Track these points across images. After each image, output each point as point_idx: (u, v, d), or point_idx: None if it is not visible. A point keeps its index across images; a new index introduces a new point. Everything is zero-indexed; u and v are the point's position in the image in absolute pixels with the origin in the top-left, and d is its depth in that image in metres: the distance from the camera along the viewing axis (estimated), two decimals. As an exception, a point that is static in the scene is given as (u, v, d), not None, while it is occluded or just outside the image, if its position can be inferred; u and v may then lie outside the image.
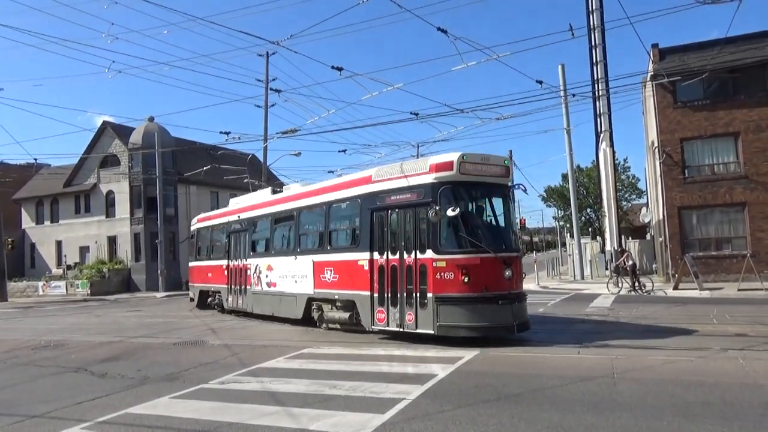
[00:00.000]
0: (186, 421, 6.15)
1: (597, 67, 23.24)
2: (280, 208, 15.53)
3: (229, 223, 18.45)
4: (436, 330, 10.23)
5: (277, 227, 15.82)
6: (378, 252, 11.44)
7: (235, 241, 17.82)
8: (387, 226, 11.39)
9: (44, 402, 7.41)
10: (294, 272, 14.11)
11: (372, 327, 11.41)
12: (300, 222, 14.44)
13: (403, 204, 11.12)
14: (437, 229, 10.46)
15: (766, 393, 6.40)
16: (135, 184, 36.39)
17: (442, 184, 10.58)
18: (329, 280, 12.78)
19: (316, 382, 7.78)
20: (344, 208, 13.01)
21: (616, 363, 8.28)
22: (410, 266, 10.76)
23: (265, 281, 15.50)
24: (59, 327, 17.27)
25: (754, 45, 23.79)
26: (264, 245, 16.38)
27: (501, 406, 6.26)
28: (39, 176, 42.80)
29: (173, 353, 11.25)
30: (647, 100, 28.02)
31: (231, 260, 17.91)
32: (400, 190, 11.19)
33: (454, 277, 10.18)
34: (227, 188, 38.79)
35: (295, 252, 14.25)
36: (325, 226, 13.25)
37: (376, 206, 11.59)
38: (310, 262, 13.44)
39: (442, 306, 10.23)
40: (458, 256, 10.30)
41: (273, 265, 15.23)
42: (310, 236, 14.52)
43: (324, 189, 13.77)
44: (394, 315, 10.96)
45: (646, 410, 5.89)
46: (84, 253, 40.53)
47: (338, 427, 5.70)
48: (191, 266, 22.18)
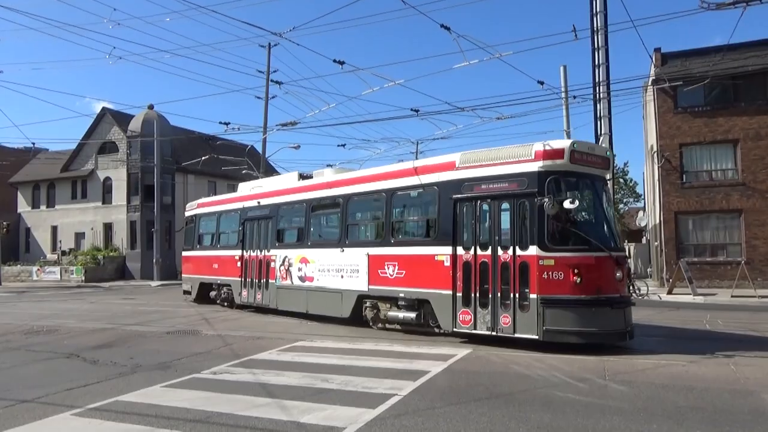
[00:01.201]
0: (177, 410, 6.15)
1: (599, 69, 23.23)
2: (319, 194, 14.00)
3: (244, 210, 16.71)
4: (541, 335, 9.21)
5: (316, 215, 14.38)
6: (463, 246, 10.33)
7: (253, 230, 16.20)
8: (475, 217, 10.26)
9: (35, 387, 7.40)
10: (340, 266, 12.83)
11: (454, 329, 10.30)
12: (348, 210, 13.04)
13: (497, 194, 9.99)
14: (544, 223, 9.37)
15: (755, 399, 6.43)
16: (133, 171, 36.28)
17: (550, 173, 9.54)
18: (391, 275, 11.56)
19: (309, 375, 7.78)
20: (415, 196, 11.81)
21: (608, 365, 8.31)
22: (506, 263, 9.69)
23: (297, 275, 14.10)
24: (52, 312, 17.24)
25: (756, 52, 23.82)
26: (296, 235, 15.01)
27: (492, 405, 6.27)
28: (36, 160, 42.69)
29: (166, 342, 11.24)
30: (648, 104, 28.05)
31: (246, 250, 16.33)
32: (494, 179, 10.06)
33: (564, 278, 9.16)
34: (225, 178, 38.76)
35: (342, 244, 12.89)
36: (387, 216, 12.00)
37: (462, 196, 10.42)
38: (364, 255, 12.18)
39: (550, 309, 9.20)
40: (570, 254, 9.34)
41: (309, 257, 13.80)
42: (363, 226, 13.46)
43: (384, 175, 12.34)
44: (484, 317, 9.88)
45: (637, 413, 5.91)
46: (79, 239, 40.45)
47: (329, 420, 5.71)
48: (187, 255, 20.14)
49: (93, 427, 5.65)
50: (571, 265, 9.19)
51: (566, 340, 9.19)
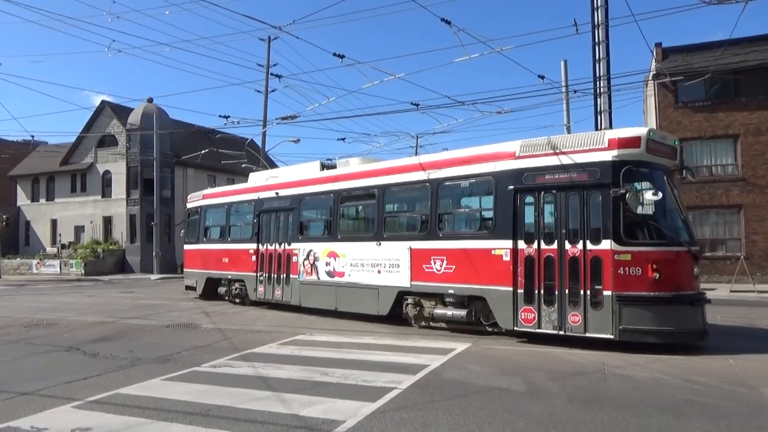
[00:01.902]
0: (177, 403, 6.17)
1: (600, 64, 23.13)
2: (349, 184, 13.20)
3: (259, 201, 15.82)
4: (617, 335, 8.73)
5: (346, 207, 13.75)
6: (525, 240, 9.77)
7: (270, 222, 15.37)
8: (539, 210, 9.70)
9: (35, 380, 7.41)
10: (376, 261, 12.15)
11: (515, 328, 9.72)
12: (386, 201, 12.37)
13: (564, 185, 9.45)
14: (619, 216, 8.89)
15: (753, 393, 6.45)
16: (132, 165, 36.22)
17: (625, 163, 9.03)
18: (438, 271, 10.93)
19: (308, 369, 7.80)
20: (467, 187, 11.17)
21: (607, 359, 8.33)
22: (575, 258, 9.19)
23: (325, 270, 13.33)
24: (52, 306, 17.26)
25: (757, 48, 23.76)
26: (322, 228, 14.33)
27: (491, 399, 6.29)
28: (36, 153, 42.61)
29: (166, 335, 11.26)
30: (648, 99, 28.00)
31: (263, 244, 15.47)
32: (560, 168, 9.52)
33: (642, 274, 8.72)
34: (225, 172, 38.72)
35: (379, 237, 12.18)
36: (433, 208, 11.27)
37: (523, 186, 9.87)
38: (405, 249, 11.54)
39: (627, 307, 8.74)
40: (648, 248, 8.91)
41: (339, 251, 13.07)
42: (403, 219, 12.86)
43: (428, 164, 11.62)
44: (550, 315, 9.34)
45: (635, 407, 5.93)
46: (79, 233, 40.43)
47: (329, 413, 5.73)
48: (191, 249, 19.01)
49: (93, 420, 5.67)
50: (650, 260, 8.75)
51: (644, 339, 8.74)
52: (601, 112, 22.81)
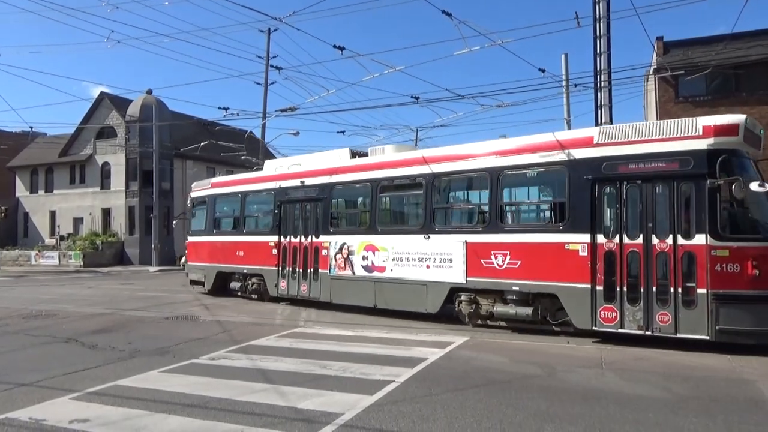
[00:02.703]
0: (175, 395, 6.18)
1: (600, 58, 23.07)
2: (390, 173, 12.33)
3: (280, 190, 14.76)
4: (713, 335, 8.20)
5: (387, 197, 12.91)
6: (604, 234, 9.14)
7: (294, 213, 14.42)
8: (621, 201, 9.06)
9: (34, 371, 7.42)
10: (424, 255, 11.35)
11: (593, 327, 9.08)
12: (435, 192, 11.56)
13: (651, 174, 8.81)
14: (716, 209, 8.35)
15: (751, 388, 6.47)
16: (131, 156, 36.14)
17: (721, 152, 8.43)
18: (500, 266, 10.21)
19: (307, 362, 7.81)
20: (534, 176, 10.56)
21: (605, 354, 8.35)
22: (664, 254, 8.61)
23: (361, 265, 12.45)
24: (51, 297, 17.26)
25: (759, 42, 23.68)
26: (358, 219, 13.65)
27: (489, 392, 6.30)
28: (34, 145, 42.52)
29: (165, 327, 11.27)
30: (649, 93, 27.93)
31: (285, 236, 14.52)
32: (646, 157, 8.88)
33: (740, 270, 8.16)
34: (224, 164, 38.58)
35: (428, 229, 11.37)
36: (493, 199, 10.52)
37: (603, 176, 9.22)
38: (460, 243, 10.76)
39: (725, 307, 8.17)
40: (748, 243, 8.30)
41: (378, 244, 12.20)
42: (456, 210, 12.05)
43: (488, 152, 10.80)
44: (634, 314, 8.75)
45: (633, 401, 5.95)
46: (78, 225, 40.39)
47: (327, 406, 5.74)
48: (197, 241, 17.80)
49: (91, 411, 5.67)
50: (750, 255, 8.18)
51: (743, 341, 8.22)
52: (602, 107, 22.76)
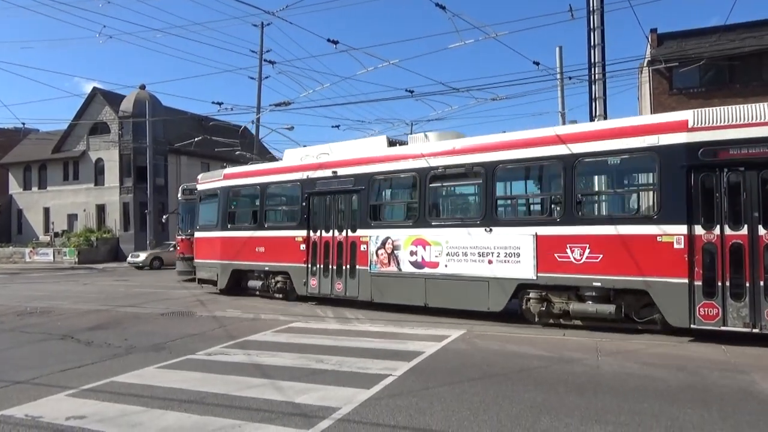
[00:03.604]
0: (172, 391, 6.17)
1: (594, 50, 23.08)
2: (443, 161, 11.46)
3: (309, 181, 13.69)
4: None
5: (438, 187, 12.08)
6: (703, 225, 8.56)
7: (326, 205, 13.45)
8: (722, 190, 8.51)
9: (29, 368, 7.40)
10: (485, 249, 10.60)
11: (691, 325, 8.55)
12: (496, 181, 10.82)
13: (757, 161, 8.27)
14: None
15: (745, 379, 6.51)
16: (125, 152, 36.02)
17: None
18: (577, 260, 9.55)
19: (304, 356, 7.82)
20: (617, 164, 9.92)
21: (600, 345, 8.38)
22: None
23: (409, 260, 11.63)
24: (46, 294, 17.20)
25: (752, 34, 23.72)
26: (404, 211, 12.72)
27: (485, 385, 6.32)
28: (27, 141, 42.28)
29: (160, 323, 11.25)
30: (643, 85, 27.97)
31: (315, 230, 13.54)
32: (750, 142, 8.30)
33: None
34: (218, 160, 38.35)
35: (489, 222, 10.61)
36: (568, 188, 9.76)
37: (700, 162, 8.62)
38: (529, 236, 10.07)
39: None
40: None
41: (430, 238, 11.39)
42: (523, 201, 11.55)
43: (561, 137, 10.04)
44: (738, 310, 8.23)
45: (628, 392, 5.98)
46: (72, 221, 40.24)
47: (324, 401, 5.75)
48: (205, 237, 16.52)
49: (88, 408, 5.66)
50: None
51: None
52: (596, 99, 22.81)
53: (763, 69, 23.48)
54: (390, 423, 5.12)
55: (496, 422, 5.12)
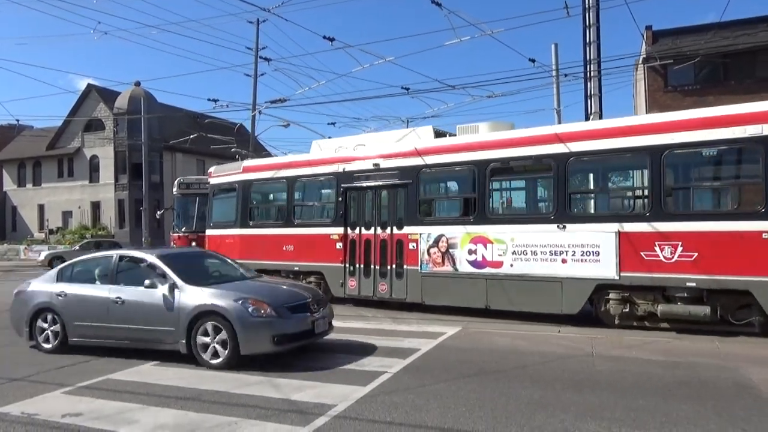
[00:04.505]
0: (169, 389, 6.18)
1: (590, 47, 23.11)
2: (505, 153, 10.69)
3: (345, 174, 12.72)
4: None
5: (500, 181, 11.48)
6: None
7: (367, 200, 12.55)
8: None
9: (25, 365, 7.40)
10: (558, 247, 9.88)
11: None
12: (569, 174, 10.09)
13: None
14: None
15: (739, 374, 6.55)
16: (120, 149, 35.89)
17: None
18: (668, 259, 8.89)
19: (300, 353, 7.81)
20: (713, 155, 9.21)
21: (596, 342, 8.42)
22: None
23: (467, 259, 10.82)
24: (41, 291, 17.09)
25: (747, 31, 23.80)
26: (460, 207, 11.73)
27: (482, 382, 6.34)
28: (21, 138, 42.05)
29: (156, 321, 11.21)
30: (638, 83, 28.03)
31: (353, 227, 12.62)
32: None
33: None
34: (214, 157, 38.39)
35: (562, 218, 9.88)
36: (655, 181, 9.12)
37: None
38: (610, 233, 9.37)
39: None
40: None
41: (492, 235, 10.58)
42: (602, 195, 10.82)
43: (644, 127, 9.37)
44: None
45: (624, 388, 6.01)
46: (67, 218, 40.11)
47: (320, 398, 5.76)
48: (222, 235, 15.29)
49: (84, 405, 5.66)
50: None
51: None
52: (591, 96, 22.82)
53: (758, 66, 23.57)
54: (386, 420, 5.14)
55: (491, 418, 5.14)
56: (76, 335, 8.12)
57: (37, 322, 8.45)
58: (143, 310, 7.61)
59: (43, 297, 8.49)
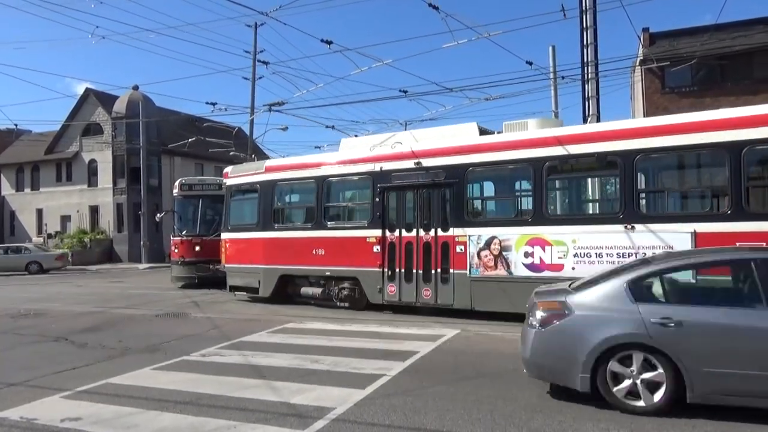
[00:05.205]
0: (167, 392, 6.18)
1: (587, 49, 23.19)
2: (565, 150, 10.14)
3: (382, 173, 12.05)
4: None
5: (559, 179, 11.00)
6: None
7: (407, 201, 11.97)
8: None
9: (24, 370, 7.39)
10: (625, 249, 9.37)
11: None
12: (638, 171, 9.60)
13: None
14: None
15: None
16: (118, 153, 35.85)
17: None
18: None
19: (299, 357, 7.83)
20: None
21: (594, 344, 8.42)
22: None
23: (523, 262, 10.29)
24: (39, 296, 17.13)
25: (743, 32, 23.89)
26: (513, 207, 11.40)
27: (480, 384, 6.36)
28: (20, 142, 42.03)
29: (155, 325, 11.24)
30: (635, 84, 28.11)
31: (392, 229, 11.93)
32: None
33: None
34: (212, 161, 38.41)
35: (630, 217, 9.37)
36: (734, 179, 8.61)
37: None
38: (684, 234, 8.91)
39: None
40: None
41: (551, 237, 10.06)
42: (675, 194, 10.20)
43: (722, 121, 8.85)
44: None
45: (621, 390, 6.01)
46: (65, 222, 40.05)
47: (319, 401, 5.77)
48: (242, 238, 14.58)
49: (83, 410, 5.66)
50: None
51: None
52: (589, 98, 22.84)
53: (754, 67, 23.67)
54: (385, 422, 5.15)
55: (490, 421, 5.16)
56: (710, 389, 5.05)
57: (608, 366, 5.35)
58: None
59: (621, 327, 5.32)
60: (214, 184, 19.62)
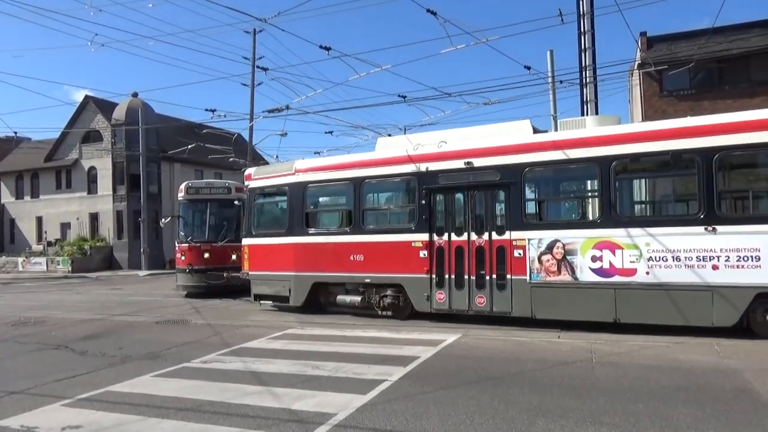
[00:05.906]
0: (168, 400, 6.17)
1: (585, 53, 23.28)
2: (632, 148, 9.58)
3: (428, 174, 11.41)
4: None
5: (629, 179, 10.44)
6: None
7: (457, 203, 11.38)
8: None
9: (24, 378, 7.37)
10: (707, 252, 8.85)
11: None
12: (718, 171, 8.99)
13: None
14: None
15: (738, 378, 6.57)
16: (118, 160, 35.88)
17: None
18: None
19: (299, 363, 7.82)
20: None
21: (595, 347, 8.42)
22: None
23: (590, 267, 9.70)
24: (39, 304, 17.10)
25: (740, 35, 23.98)
26: (578, 209, 11.08)
27: (481, 389, 6.35)
28: (19, 150, 42.09)
29: (155, 332, 11.22)
30: (633, 88, 28.19)
31: (440, 233, 11.28)
32: None
33: None
34: (212, 167, 38.46)
35: (710, 219, 8.86)
36: None
37: None
38: None
39: None
40: None
41: (622, 240, 9.48)
42: (763, 193, 9.50)
43: None
44: None
45: (623, 394, 6.02)
46: (65, 230, 40.04)
47: (321, 407, 5.76)
48: (268, 244, 13.64)
49: (83, 418, 5.65)
50: None
51: None
52: (587, 102, 22.90)
53: (752, 70, 23.73)
54: (386, 428, 5.14)
55: (491, 425, 5.15)
56: None
57: None
58: None
59: None
60: (222, 187, 18.88)
